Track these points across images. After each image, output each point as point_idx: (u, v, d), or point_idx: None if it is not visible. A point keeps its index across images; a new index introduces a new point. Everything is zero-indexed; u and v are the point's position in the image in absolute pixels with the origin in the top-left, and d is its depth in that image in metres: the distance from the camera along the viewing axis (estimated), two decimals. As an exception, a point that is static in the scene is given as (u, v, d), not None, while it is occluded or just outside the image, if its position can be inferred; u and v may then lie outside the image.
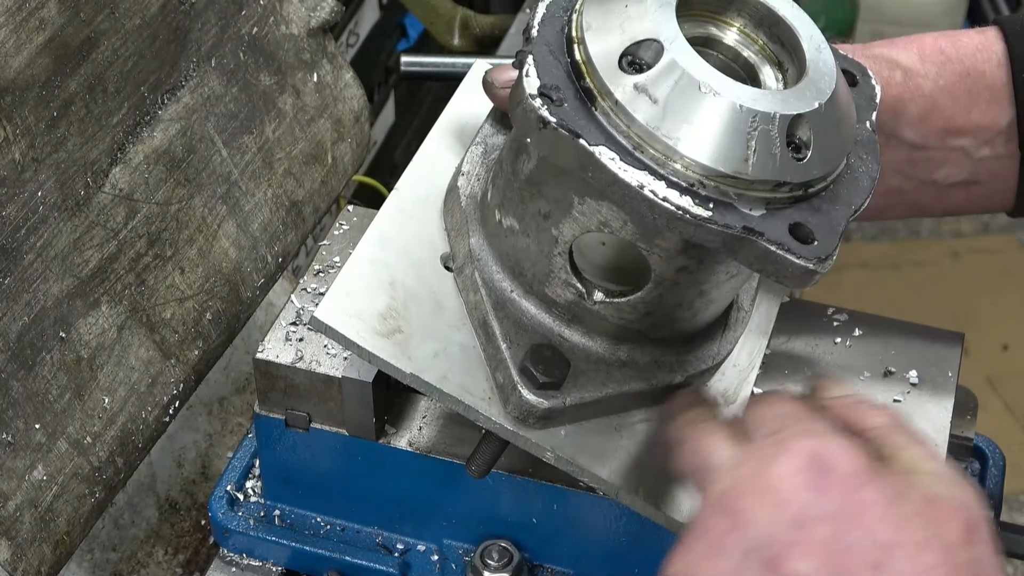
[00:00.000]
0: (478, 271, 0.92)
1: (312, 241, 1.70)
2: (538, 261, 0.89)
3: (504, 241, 0.91)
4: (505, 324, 0.91)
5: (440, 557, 1.06)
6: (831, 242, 0.80)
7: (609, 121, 0.80)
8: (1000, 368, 2.89)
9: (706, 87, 0.79)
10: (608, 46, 0.81)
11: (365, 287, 0.93)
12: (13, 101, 1.00)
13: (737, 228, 0.79)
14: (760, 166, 0.79)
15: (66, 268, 1.04)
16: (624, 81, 0.80)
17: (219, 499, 1.09)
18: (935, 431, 0.99)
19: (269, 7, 1.24)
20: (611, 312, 0.89)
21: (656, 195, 0.78)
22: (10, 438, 0.98)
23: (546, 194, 0.87)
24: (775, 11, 0.86)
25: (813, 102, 0.81)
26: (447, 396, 0.91)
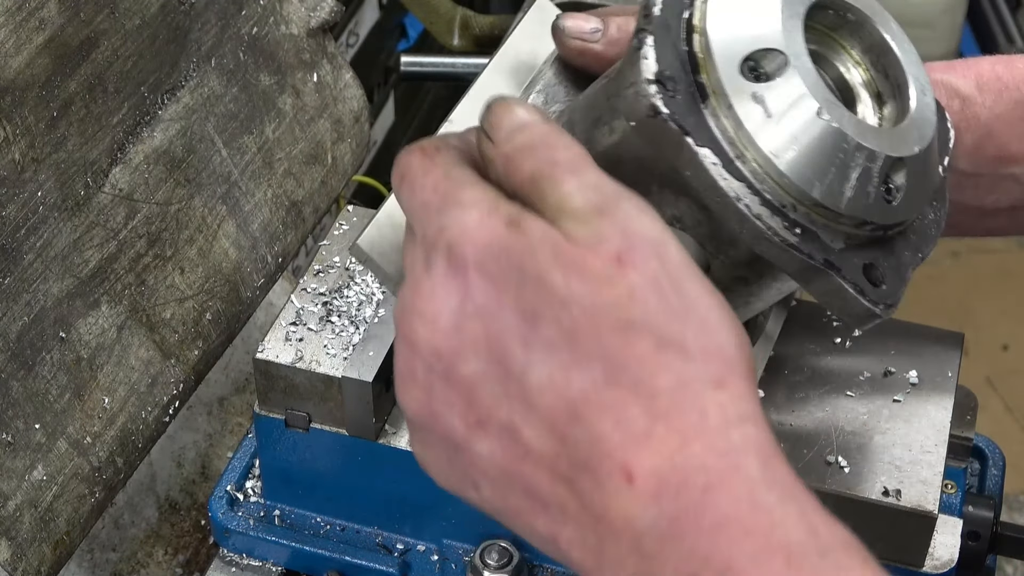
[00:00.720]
0: None
1: (312, 241, 1.70)
2: None
3: None
4: None
5: (440, 557, 1.06)
6: (898, 288, 0.80)
7: (717, 123, 0.77)
8: (1000, 368, 2.89)
9: (824, 113, 0.77)
10: (732, 46, 0.78)
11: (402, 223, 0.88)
12: (13, 101, 1.00)
13: (819, 260, 0.77)
14: (854, 202, 0.78)
15: (66, 268, 1.04)
16: (742, 86, 0.77)
17: (219, 499, 1.09)
18: (935, 431, 0.99)
19: (269, 7, 1.24)
20: None
21: (749, 209, 0.77)
22: (10, 438, 0.98)
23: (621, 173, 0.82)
24: (887, 41, 0.84)
25: (914, 147, 0.79)
26: None
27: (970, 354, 2.74)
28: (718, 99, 0.77)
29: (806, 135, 0.77)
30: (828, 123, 0.77)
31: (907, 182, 0.79)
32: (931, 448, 0.97)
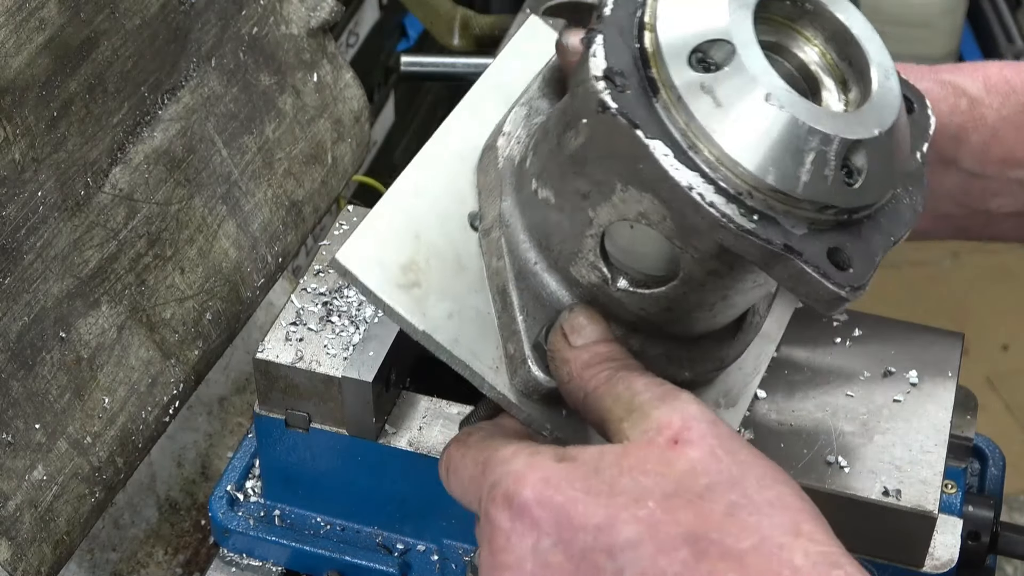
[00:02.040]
0: (505, 237, 0.90)
1: (312, 241, 1.71)
2: (568, 239, 0.87)
3: (536, 212, 0.89)
4: (524, 296, 0.89)
5: (440, 557, 1.06)
6: (866, 271, 0.80)
7: (668, 115, 0.78)
8: (1000, 368, 2.89)
9: (772, 99, 0.77)
10: (680, 39, 0.79)
11: (391, 235, 0.90)
12: (13, 101, 1.00)
13: (778, 245, 0.78)
14: (811, 186, 0.78)
15: (66, 268, 1.04)
16: (690, 77, 0.78)
17: (219, 499, 1.09)
18: (935, 431, 0.99)
19: (269, 7, 1.24)
20: (632, 301, 0.88)
21: (703, 198, 0.77)
22: (10, 438, 0.98)
23: (589, 174, 0.85)
24: (849, 29, 0.84)
25: (873, 129, 0.80)
26: (456, 359, 0.89)
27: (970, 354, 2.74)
28: (668, 92, 0.78)
29: (756, 122, 0.77)
30: (777, 108, 0.77)
31: (868, 165, 0.80)
32: (931, 448, 0.97)
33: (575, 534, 0.73)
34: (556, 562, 0.73)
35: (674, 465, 0.73)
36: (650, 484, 0.72)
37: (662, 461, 0.73)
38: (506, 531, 0.75)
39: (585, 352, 0.82)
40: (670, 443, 0.74)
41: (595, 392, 0.80)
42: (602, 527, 0.72)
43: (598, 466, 0.74)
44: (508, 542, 0.75)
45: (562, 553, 0.73)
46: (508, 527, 0.75)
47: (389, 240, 0.90)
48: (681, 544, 0.70)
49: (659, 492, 0.72)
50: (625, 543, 0.71)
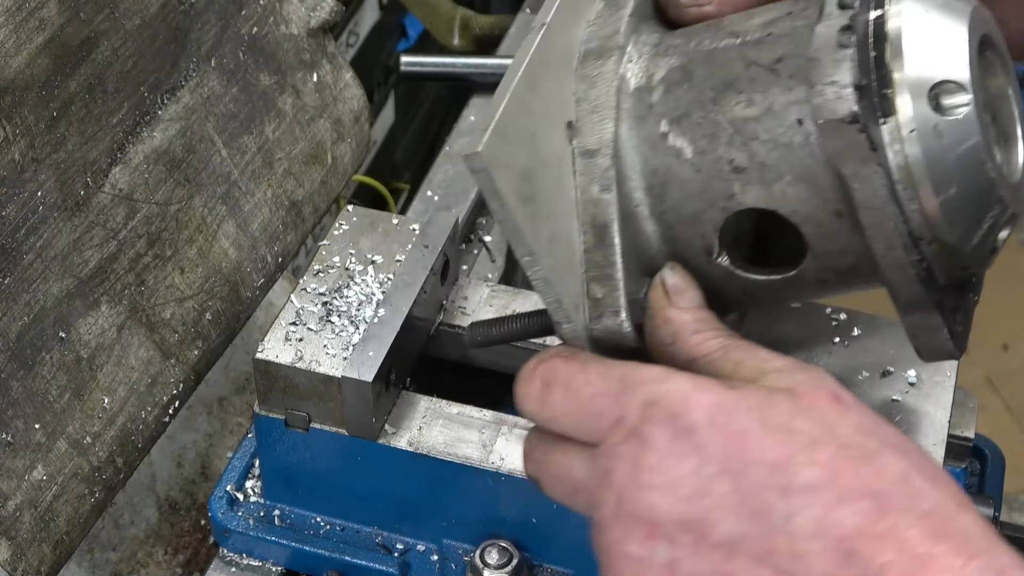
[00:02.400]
0: (617, 168, 0.81)
1: (312, 241, 1.71)
2: (693, 200, 0.80)
3: (661, 157, 0.81)
4: (626, 240, 0.80)
5: (440, 557, 1.06)
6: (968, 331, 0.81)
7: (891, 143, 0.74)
8: (1000, 368, 2.89)
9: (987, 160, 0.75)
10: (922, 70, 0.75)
11: (516, 135, 0.78)
12: (13, 101, 1.00)
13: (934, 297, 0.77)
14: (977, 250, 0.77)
15: (66, 268, 1.04)
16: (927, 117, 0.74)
17: (219, 499, 1.09)
18: (934, 431, 0.99)
19: (269, 7, 1.24)
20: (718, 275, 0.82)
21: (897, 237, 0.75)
22: (10, 438, 0.98)
23: (756, 152, 0.78)
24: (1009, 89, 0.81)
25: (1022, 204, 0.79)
26: (551, 289, 0.79)
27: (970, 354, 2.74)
28: (900, 122, 0.74)
29: (967, 179, 0.75)
30: (988, 172, 0.75)
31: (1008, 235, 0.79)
32: (930, 448, 0.97)
33: (747, 467, 0.69)
34: (720, 492, 0.69)
35: (843, 419, 0.70)
36: (825, 432, 0.69)
37: (832, 412, 0.70)
38: (661, 450, 0.70)
39: (689, 315, 0.78)
40: (832, 399, 0.71)
41: (706, 358, 0.76)
42: (778, 465, 0.68)
43: (772, 400, 0.71)
44: (662, 462, 0.70)
45: (729, 484, 0.69)
46: (665, 446, 0.70)
47: (514, 139, 0.78)
48: (863, 496, 0.68)
49: (835, 442, 0.69)
50: (803, 486, 0.68)
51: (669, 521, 0.70)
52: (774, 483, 0.68)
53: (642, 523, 0.71)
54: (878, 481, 0.68)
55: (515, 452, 1.01)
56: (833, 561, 0.67)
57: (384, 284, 1.06)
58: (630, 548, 0.71)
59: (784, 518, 0.68)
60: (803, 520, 0.68)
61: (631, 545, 0.71)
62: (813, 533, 0.68)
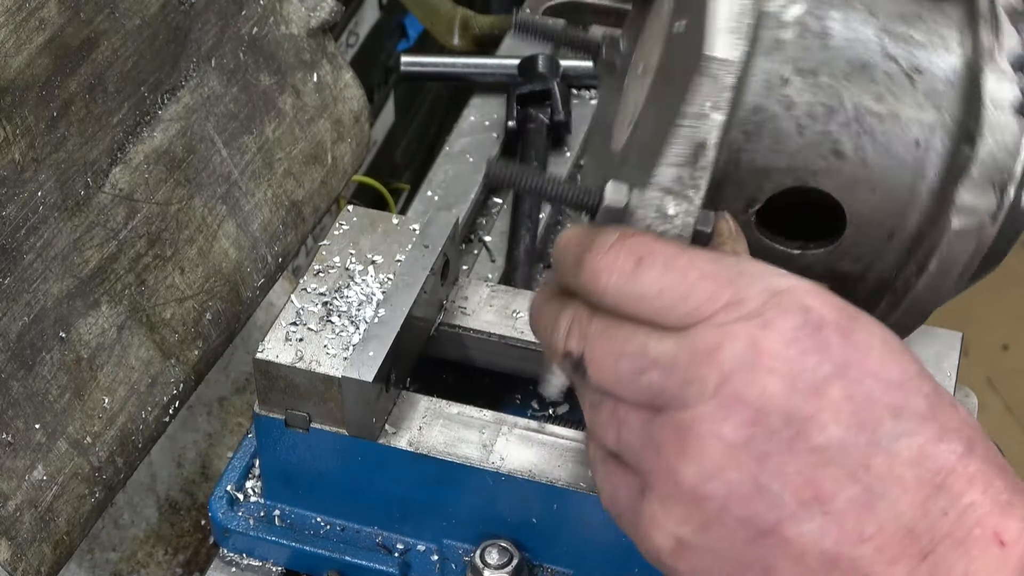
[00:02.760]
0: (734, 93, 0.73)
1: (312, 241, 1.71)
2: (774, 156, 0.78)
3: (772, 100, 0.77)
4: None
5: (440, 557, 1.06)
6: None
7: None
8: (1000, 368, 2.89)
9: None
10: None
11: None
12: (13, 101, 1.00)
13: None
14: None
15: (66, 268, 1.04)
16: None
17: (219, 499, 1.09)
18: (935, 431, 0.99)
19: (269, 7, 1.24)
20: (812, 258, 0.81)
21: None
22: (10, 438, 0.98)
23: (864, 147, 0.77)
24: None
25: None
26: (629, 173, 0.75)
27: (970, 354, 2.74)
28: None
29: None
30: None
31: None
32: (931, 448, 0.97)
33: (864, 378, 0.68)
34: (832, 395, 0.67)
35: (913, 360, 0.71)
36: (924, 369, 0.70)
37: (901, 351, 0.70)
38: (786, 337, 0.67)
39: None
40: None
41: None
42: (893, 385, 0.68)
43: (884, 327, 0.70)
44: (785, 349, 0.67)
45: (843, 390, 0.67)
46: (791, 335, 0.67)
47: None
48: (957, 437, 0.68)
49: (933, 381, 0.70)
50: (914, 412, 0.68)
51: (776, 411, 0.67)
52: (888, 401, 0.68)
53: (747, 407, 0.67)
54: (966, 427, 0.69)
55: (515, 452, 1.01)
56: (925, 492, 0.67)
57: (384, 284, 1.06)
58: (725, 430, 0.67)
59: (890, 438, 0.67)
60: (906, 445, 0.67)
61: (727, 427, 0.67)
62: (913, 460, 0.67)
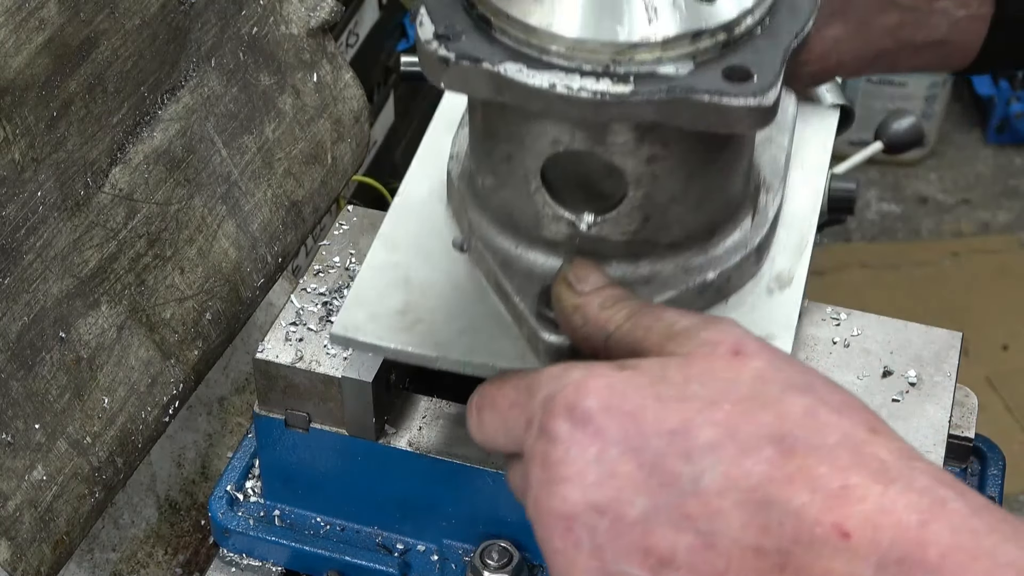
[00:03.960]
0: (479, 239, 0.92)
1: (312, 241, 1.71)
2: (523, 207, 0.88)
3: (492, 201, 0.91)
4: (516, 279, 0.89)
5: (440, 557, 1.06)
6: (771, 74, 0.79)
7: (510, 38, 0.80)
8: (1000, 368, 2.89)
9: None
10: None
11: (378, 292, 0.92)
12: (13, 101, 1.00)
13: (662, 91, 0.77)
14: (666, 23, 0.78)
15: (66, 268, 1.04)
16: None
17: (219, 499, 1.09)
18: (933, 431, 0.99)
19: (269, 7, 1.24)
20: (610, 231, 0.87)
21: (571, 89, 0.78)
22: (10, 438, 0.98)
23: (500, 136, 0.86)
24: None
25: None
26: (477, 365, 0.88)
27: (970, 354, 2.74)
28: (498, 17, 0.80)
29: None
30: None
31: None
32: (929, 448, 0.97)
33: (646, 441, 0.70)
34: (625, 471, 0.70)
35: (741, 373, 0.71)
36: (722, 389, 0.70)
37: (728, 369, 0.71)
38: (565, 442, 0.71)
39: (596, 296, 0.80)
40: (731, 354, 0.72)
41: (619, 330, 0.77)
42: (677, 431, 0.69)
43: (663, 374, 0.72)
44: (567, 453, 0.71)
45: (632, 462, 0.70)
46: (568, 437, 0.71)
47: (377, 297, 0.91)
48: (765, 443, 0.68)
49: (733, 396, 0.70)
50: (704, 446, 0.68)
51: (583, 510, 0.71)
52: (675, 450, 0.69)
53: (559, 517, 0.72)
54: (780, 425, 0.69)
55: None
56: (750, 512, 0.67)
57: None
58: (555, 544, 0.72)
59: (692, 481, 0.68)
60: (711, 479, 0.68)
61: (555, 541, 0.72)
62: (723, 488, 0.68)
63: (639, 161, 0.84)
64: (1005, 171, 3.49)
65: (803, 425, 0.69)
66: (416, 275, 0.93)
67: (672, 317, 0.76)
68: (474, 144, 0.91)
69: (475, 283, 0.93)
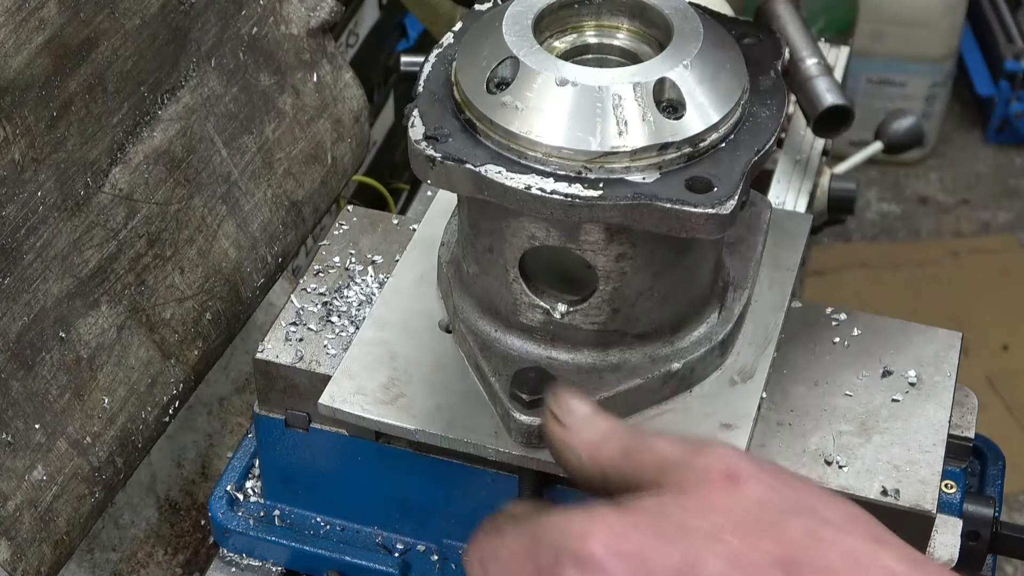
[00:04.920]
0: (462, 322, 0.98)
1: (312, 241, 1.71)
2: (502, 294, 0.94)
3: (475, 288, 0.97)
4: (494, 361, 0.95)
5: (440, 557, 1.06)
6: (731, 185, 0.84)
7: (493, 142, 0.87)
8: (1000, 368, 2.89)
9: (561, 80, 0.85)
10: (476, 77, 0.88)
11: (366, 366, 0.98)
12: (13, 101, 1.00)
13: (627, 197, 0.83)
14: (636, 135, 0.85)
15: (66, 268, 1.04)
16: (493, 101, 0.87)
17: (219, 499, 1.09)
18: (933, 431, 0.99)
19: (269, 7, 1.24)
20: (582, 320, 0.93)
21: (544, 191, 0.84)
22: (10, 438, 0.98)
23: (483, 229, 0.93)
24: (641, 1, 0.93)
25: (676, 64, 0.87)
26: (452, 440, 0.94)
27: (970, 354, 2.74)
28: (482, 122, 0.87)
29: (559, 106, 0.85)
30: (571, 86, 0.85)
31: (686, 95, 0.86)
32: (929, 448, 0.97)
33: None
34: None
35: (739, 501, 0.72)
36: (721, 520, 0.71)
37: (725, 498, 0.72)
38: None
39: (586, 433, 0.81)
40: (725, 480, 0.73)
41: (614, 468, 0.79)
42: (682, 568, 0.70)
43: (662, 511, 0.73)
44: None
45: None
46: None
47: (364, 370, 0.97)
48: (771, 569, 0.69)
49: (733, 526, 0.71)
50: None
51: None
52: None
53: None
54: (783, 548, 0.70)
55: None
56: None
57: (384, 284, 1.06)
58: None
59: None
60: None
61: None
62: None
63: (609, 259, 0.90)
64: (1005, 171, 3.49)
65: (805, 548, 0.70)
66: (402, 352, 0.99)
67: (663, 449, 0.77)
68: (461, 234, 0.98)
69: (457, 363, 0.98)
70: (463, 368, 0.98)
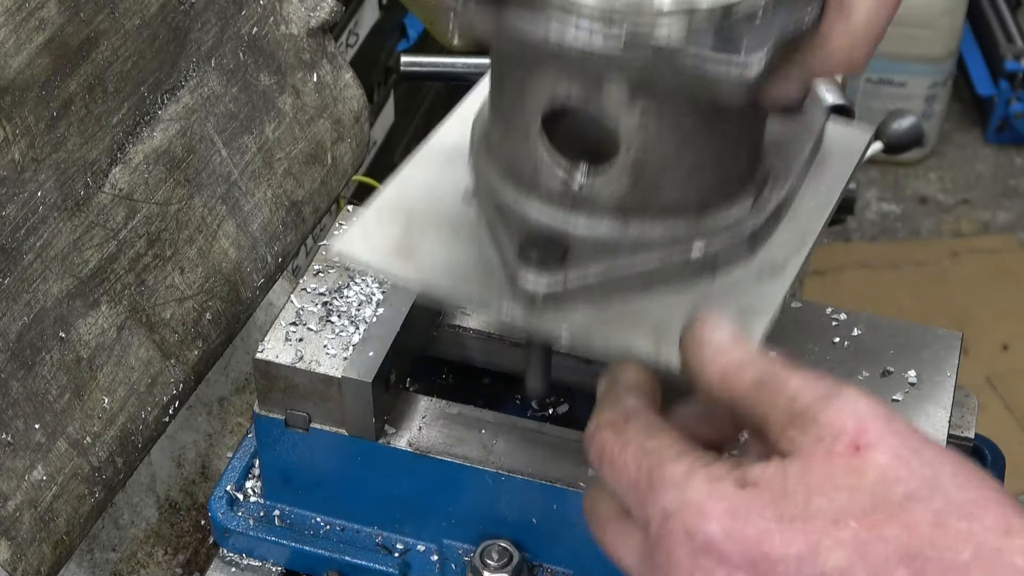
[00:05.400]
0: (484, 185, 0.94)
1: (312, 241, 1.71)
2: (525, 156, 0.91)
3: (500, 151, 0.93)
4: (510, 225, 0.92)
5: (440, 557, 1.06)
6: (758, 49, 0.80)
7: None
8: (1000, 368, 2.89)
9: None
10: None
11: (384, 220, 0.95)
12: (13, 101, 1.00)
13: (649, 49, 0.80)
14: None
15: (66, 268, 1.04)
16: None
17: (219, 499, 1.09)
18: (933, 431, 0.99)
19: (269, 7, 1.24)
20: (602, 187, 0.89)
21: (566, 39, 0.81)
22: (10, 438, 0.98)
23: (508, 85, 0.90)
24: None
25: None
26: (460, 296, 0.92)
27: (970, 354, 2.74)
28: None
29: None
30: None
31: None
32: (930, 448, 0.97)
33: (773, 567, 0.68)
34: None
35: (864, 475, 0.69)
36: (845, 501, 0.68)
37: (850, 473, 0.69)
38: (687, 569, 0.70)
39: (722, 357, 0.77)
40: (851, 450, 0.69)
41: (744, 400, 0.75)
42: (804, 556, 0.67)
43: (784, 488, 0.70)
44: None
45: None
46: (690, 564, 0.70)
47: (381, 224, 0.94)
48: (896, 564, 0.66)
49: (857, 509, 0.68)
50: (833, 571, 0.67)
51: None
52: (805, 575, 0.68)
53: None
54: (909, 540, 0.67)
55: (515, 452, 1.01)
56: None
57: (384, 284, 1.06)
58: None
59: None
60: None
61: None
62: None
63: (631, 121, 0.86)
64: (1005, 171, 3.49)
65: (933, 540, 0.67)
66: (421, 213, 0.96)
67: (796, 389, 0.73)
68: (490, 96, 0.95)
69: (474, 230, 0.95)
70: (480, 237, 0.94)
